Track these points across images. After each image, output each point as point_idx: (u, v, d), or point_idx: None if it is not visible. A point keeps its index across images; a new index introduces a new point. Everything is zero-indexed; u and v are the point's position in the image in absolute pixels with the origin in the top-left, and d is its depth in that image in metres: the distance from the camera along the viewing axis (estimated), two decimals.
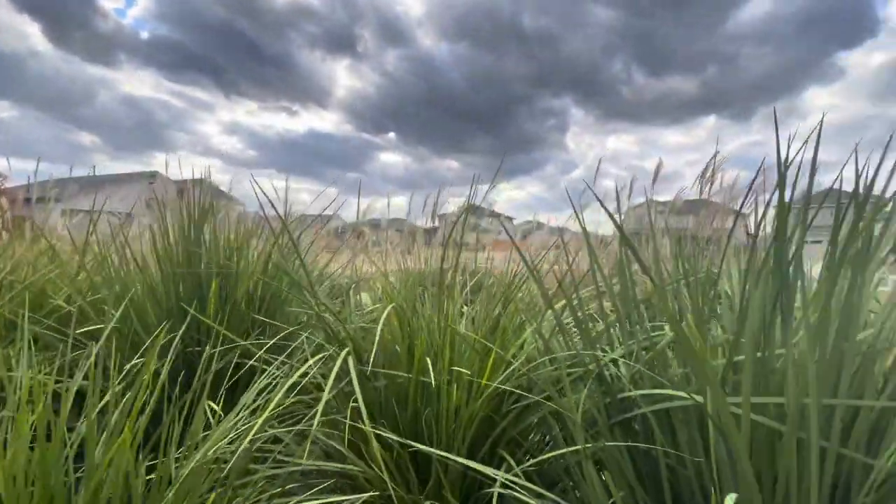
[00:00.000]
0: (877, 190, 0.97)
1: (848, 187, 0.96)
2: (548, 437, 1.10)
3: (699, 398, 0.72)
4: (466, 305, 1.68)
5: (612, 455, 0.90)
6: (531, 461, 0.96)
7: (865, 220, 0.82)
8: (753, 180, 1.20)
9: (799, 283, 0.77)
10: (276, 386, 1.06)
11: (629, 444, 0.85)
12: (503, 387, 1.02)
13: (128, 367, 1.13)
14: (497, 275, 2.58)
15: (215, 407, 1.14)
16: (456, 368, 1.01)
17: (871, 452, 0.66)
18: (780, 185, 0.70)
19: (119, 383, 1.12)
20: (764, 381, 0.69)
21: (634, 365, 0.87)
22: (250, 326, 1.48)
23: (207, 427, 1.07)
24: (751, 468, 0.64)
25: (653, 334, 0.91)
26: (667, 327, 0.93)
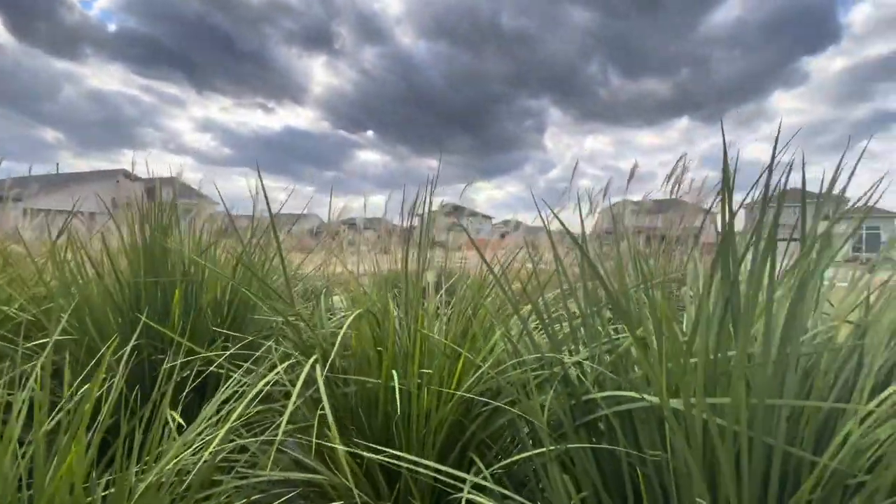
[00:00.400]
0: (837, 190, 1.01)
1: (812, 188, 1.01)
2: (517, 440, 1.10)
3: (655, 399, 0.73)
4: (441, 307, 1.68)
5: (578, 456, 0.92)
6: (499, 464, 0.96)
7: (813, 222, 0.85)
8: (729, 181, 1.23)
9: (751, 283, 0.79)
10: (241, 395, 1.03)
11: (592, 445, 0.87)
12: (470, 394, 1.02)
13: (81, 378, 1.08)
14: (472, 275, 2.59)
15: (178, 417, 1.11)
16: (425, 372, 1.01)
17: (818, 451, 0.68)
18: (725, 187, 0.72)
19: (74, 395, 1.08)
20: (718, 382, 0.71)
21: (597, 367, 0.88)
22: (217, 333, 1.44)
23: (176, 438, 1.04)
24: (699, 467, 0.66)
25: (615, 337, 0.93)
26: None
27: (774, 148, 0.86)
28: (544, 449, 0.87)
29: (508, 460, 0.92)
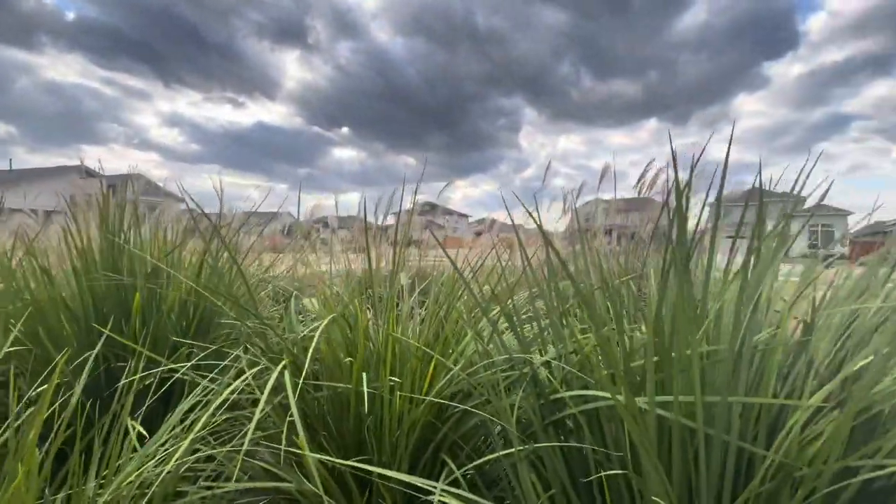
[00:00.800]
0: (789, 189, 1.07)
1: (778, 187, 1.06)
2: (488, 440, 1.12)
3: (616, 398, 0.75)
4: (416, 307, 1.68)
5: (547, 454, 0.94)
6: (471, 465, 0.97)
7: (756, 221, 0.89)
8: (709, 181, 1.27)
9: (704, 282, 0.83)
10: (206, 404, 1.00)
11: (559, 444, 0.89)
12: (442, 397, 1.03)
13: (33, 389, 1.03)
14: (447, 275, 2.59)
15: (139, 428, 1.07)
16: (393, 379, 1.01)
17: (770, 446, 0.72)
18: (677, 193, 0.75)
19: (25, 408, 1.02)
20: (673, 379, 0.74)
21: (564, 367, 0.90)
22: (181, 340, 1.39)
23: (138, 449, 1.00)
24: (656, 462, 0.69)
25: (581, 336, 0.95)
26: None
27: (728, 150, 0.90)
28: (513, 450, 0.89)
29: (479, 461, 0.93)
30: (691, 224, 1.12)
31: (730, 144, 0.90)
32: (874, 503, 0.73)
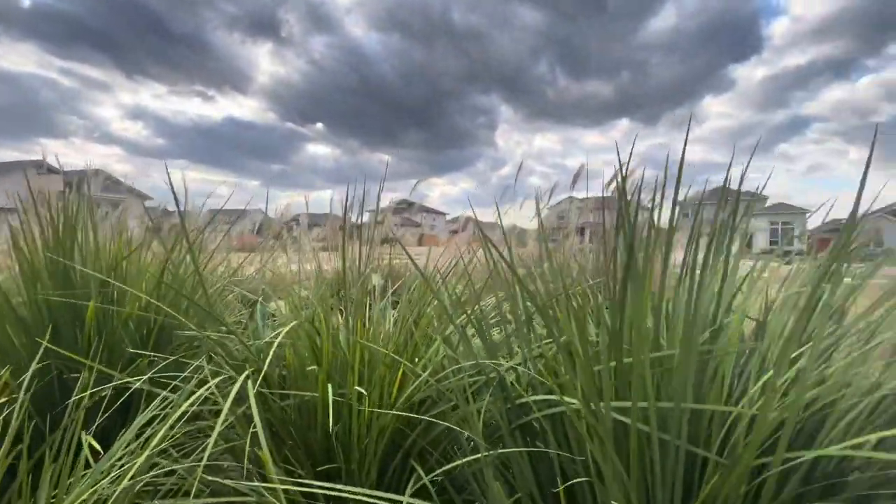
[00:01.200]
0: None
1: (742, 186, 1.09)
2: (457, 445, 1.12)
3: (574, 403, 0.77)
4: (388, 309, 1.67)
5: (514, 459, 0.95)
6: (438, 471, 0.97)
7: (714, 220, 0.93)
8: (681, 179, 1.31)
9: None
10: (164, 417, 0.97)
11: (523, 449, 0.90)
12: (411, 403, 1.03)
13: None
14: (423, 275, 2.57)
15: (93, 443, 1.02)
16: (358, 390, 1.00)
17: (722, 451, 0.75)
18: (620, 194, 0.77)
19: None
20: (630, 385, 0.76)
21: (528, 372, 0.91)
22: (137, 352, 1.33)
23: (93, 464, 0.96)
24: (613, 465, 0.70)
25: (546, 341, 0.97)
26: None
27: (684, 152, 0.93)
28: (479, 455, 0.89)
29: (447, 466, 0.94)
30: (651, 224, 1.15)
31: (685, 147, 0.93)
32: (820, 491, 0.77)
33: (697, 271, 0.84)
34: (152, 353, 1.20)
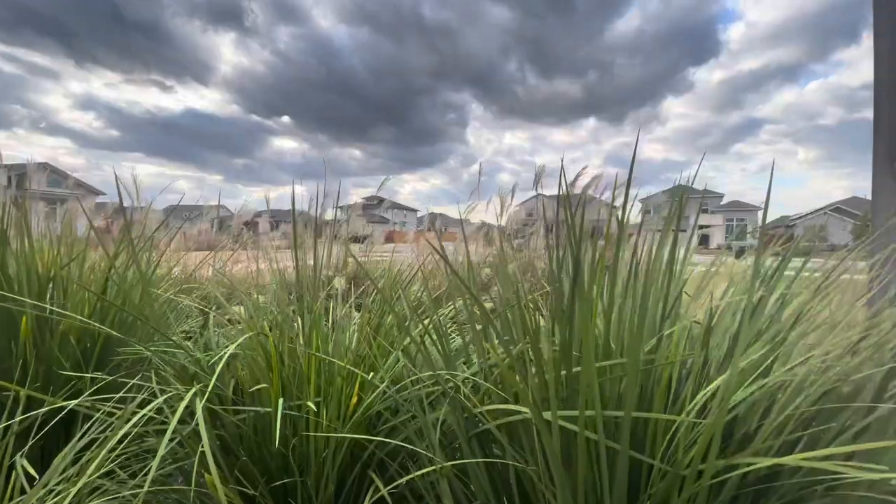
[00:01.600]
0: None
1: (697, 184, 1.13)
2: (415, 456, 1.12)
3: (526, 411, 0.78)
4: (351, 312, 1.64)
5: (472, 468, 0.96)
6: (394, 484, 0.97)
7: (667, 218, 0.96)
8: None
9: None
10: (104, 440, 0.92)
11: (476, 460, 0.91)
12: (358, 435, 1.01)
13: None
14: (389, 275, 2.56)
15: (28, 468, 0.96)
16: (309, 405, 0.98)
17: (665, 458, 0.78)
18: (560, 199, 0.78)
19: None
20: (579, 394, 0.78)
21: (483, 383, 0.92)
22: (84, 363, 1.26)
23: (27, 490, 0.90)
24: (562, 473, 0.72)
25: (500, 351, 0.98)
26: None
27: (634, 154, 0.95)
28: (435, 467, 0.90)
29: (401, 480, 0.93)
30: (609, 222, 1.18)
31: (634, 154, 0.96)
32: (754, 494, 0.81)
33: (642, 279, 0.87)
34: (91, 374, 1.14)
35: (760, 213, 0.91)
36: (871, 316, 0.93)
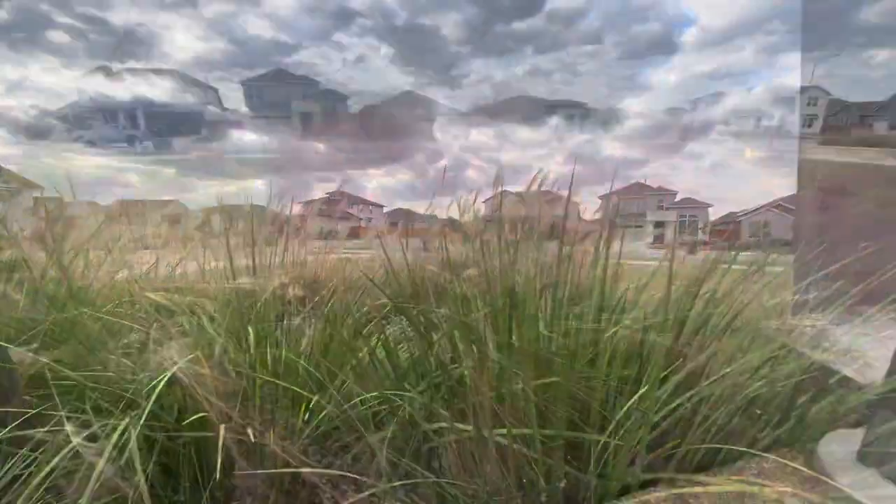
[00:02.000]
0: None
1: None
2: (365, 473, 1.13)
3: (468, 428, 0.80)
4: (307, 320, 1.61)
5: (418, 483, 0.97)
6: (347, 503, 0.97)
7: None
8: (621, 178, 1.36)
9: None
10: (29, 476, 0.87)
11: (421, 480, 0.92)
12: (317, 433, 1.01)
13: None
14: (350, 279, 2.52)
15: None
16: (254, 428, 0.96)
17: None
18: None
19: None
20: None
21: (429, 403, 0.94)
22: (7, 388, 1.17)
23: None
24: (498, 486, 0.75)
25: (450, 367, 0.99)
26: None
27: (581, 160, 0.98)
28: (382, 486, 0.91)
29: (354, 499, 0.94)
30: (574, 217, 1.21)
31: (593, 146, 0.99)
32: None
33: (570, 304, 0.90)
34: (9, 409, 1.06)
35: (711, 210, 0.96)
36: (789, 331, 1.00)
